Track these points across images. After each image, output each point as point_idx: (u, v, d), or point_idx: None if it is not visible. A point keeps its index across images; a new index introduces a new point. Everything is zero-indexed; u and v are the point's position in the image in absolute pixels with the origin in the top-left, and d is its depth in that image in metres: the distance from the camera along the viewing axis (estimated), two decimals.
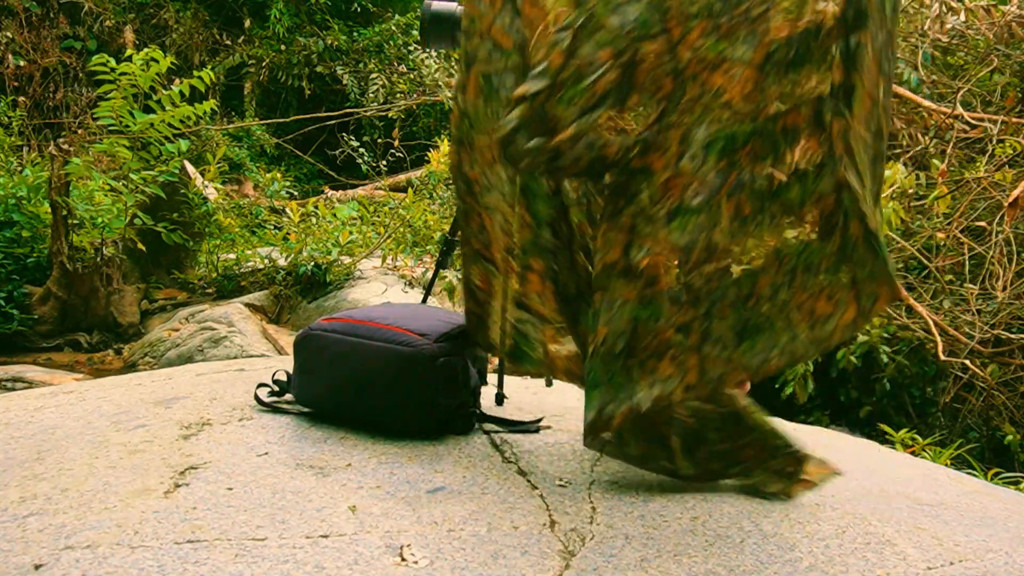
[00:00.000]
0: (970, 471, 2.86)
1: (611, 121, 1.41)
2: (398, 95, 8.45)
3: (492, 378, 2.10)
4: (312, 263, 5.31)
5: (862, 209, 1.26)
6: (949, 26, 4.71)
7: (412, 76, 8.45)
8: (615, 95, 1.29)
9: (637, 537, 1.31)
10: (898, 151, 4.88)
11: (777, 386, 4.13)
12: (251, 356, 4.21)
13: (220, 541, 1.17)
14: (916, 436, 3.45)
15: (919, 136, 4.79)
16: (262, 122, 8.89)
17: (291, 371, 1.83)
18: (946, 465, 2.69)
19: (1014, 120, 4.37)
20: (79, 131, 6.66)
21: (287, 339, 4.69)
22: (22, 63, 7.62)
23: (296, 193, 7.52)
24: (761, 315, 1.31)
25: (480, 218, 1.61)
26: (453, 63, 8.05)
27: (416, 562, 1.15)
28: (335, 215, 6.64)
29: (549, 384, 2.40)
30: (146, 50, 4.71)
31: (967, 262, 4.22)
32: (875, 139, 1.33)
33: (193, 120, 5.08)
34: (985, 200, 4.23)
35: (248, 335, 4.60)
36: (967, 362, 3.78)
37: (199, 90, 4.80)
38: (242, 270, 5.61)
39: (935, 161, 4.03)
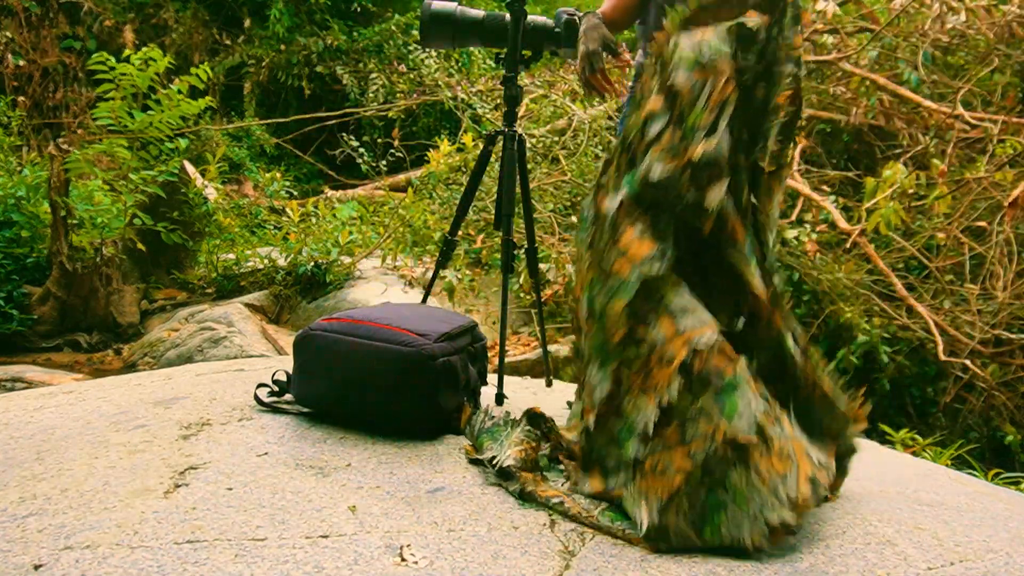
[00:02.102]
0: (970, 471, 2.86)
1: None
2: (398, 95, 8.45)
3: (492, 378, 2.10)
4: (312, 263, 5.30)
5: None
6: (949, 26, 4.72)
7: (412, 76, 8.45)
8: None
9: None
10: (898, 151, 4.88)
11: None
12: (251, 356, 4.20)
13: (220, 541, 1.17)
14: (916, 436, 3.45)
15: (919, 136, 4.80)
16: (262, 122, 8.88)
17: (291, 371, 1.83)
18: (946, 465, 2.69)
19: (1014, 120, 4.37)
20: (79, 131, 6.66)
21: (287, 339, 4.68)
22: (22, 63, 7.62)
23: (296, 193, 7.52)
24: None
25: None
26: (453, 63, 8.05)
27: (416, 562, 1.15)
28: (335, 215, 6.63)
29: (549, 384, 2.40)
30: (144, 49, 4.70)
31: (967, 262, 4.22)
32: None
33: (192, 119, 5.07)
34: (985, 200, 4.23)
35: (248, 335, 4.60)
36: (967, 362, 3.78)
37: (198, 88, 4.80)
38: (242, 270, 5.59)
39: (935, 161, 4.03)
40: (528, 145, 4.62)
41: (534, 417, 1.68)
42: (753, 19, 1.48)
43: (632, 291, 1.40)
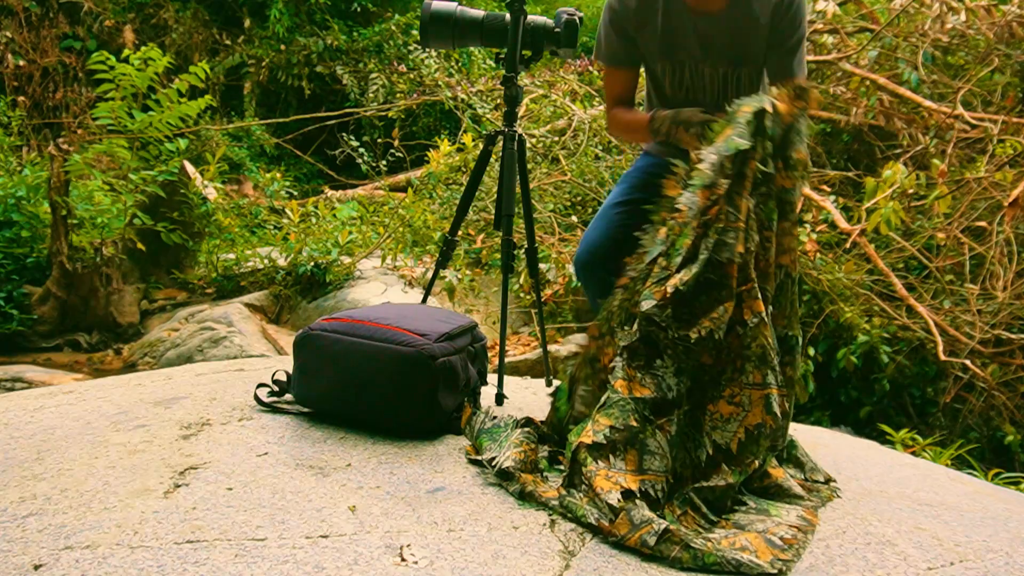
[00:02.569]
0: (970, 471, 2.86)
1: None
2: (398, 95, 8.44)
3: (492, 378, 2.10)
4: (312, 263, 5.31)
5: None
6: (949, 26, 4.72)
7: (412, 76, 8.44)
8: None
9: None
10: (898, 151, 4.88)
11: None
12: (251, 356, 4.20)
13: (220, 541, 1.17)
14: (916, 436, 3.45)
15: (919, 136, 4.79)
16: (262, 122, 8.88)
17: (291, 371, 1.83)
18: (946, 465, 2.69)
19: (1014, 120, 4.37)
20: (79, 131, 6.66)
21: (287, 339, 4.68)
22: (22, 63, 7.62)
23: (296, 193, 7.52)
24: None
25: None
26: (453, 63, 8.05)
27: (416, 562, 1.15)
28: (335, 215, 6.63)
29: (549, 384, 2.40)
30: (144, 49, 4.71)
31: (967, 262, 4.21)
32: None
33: (192, 119, 5.07)
34: (985, 200, 4.22)
35: (248, 335, 4.60)
36: (967, 362, 3.78)
37: (198, 88, 4.81)
38: (242, 270, 5.60)
39: (935, 161, 4.03)
40: (528, 145, 4.62)
41: (533, 421, 1.69)
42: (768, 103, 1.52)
43: (621, 419, 1.42)
